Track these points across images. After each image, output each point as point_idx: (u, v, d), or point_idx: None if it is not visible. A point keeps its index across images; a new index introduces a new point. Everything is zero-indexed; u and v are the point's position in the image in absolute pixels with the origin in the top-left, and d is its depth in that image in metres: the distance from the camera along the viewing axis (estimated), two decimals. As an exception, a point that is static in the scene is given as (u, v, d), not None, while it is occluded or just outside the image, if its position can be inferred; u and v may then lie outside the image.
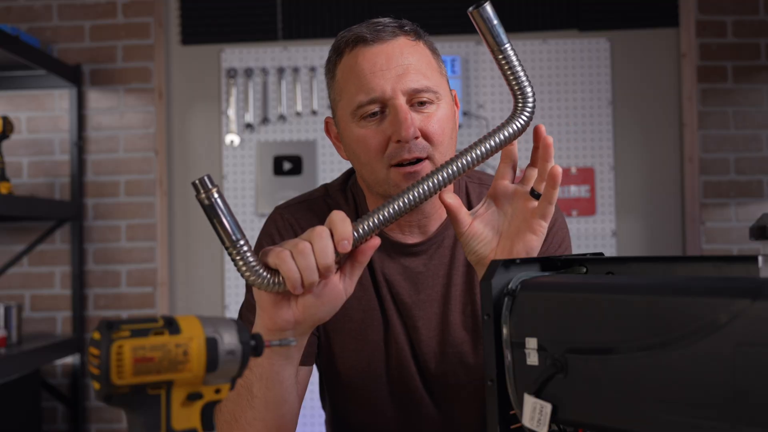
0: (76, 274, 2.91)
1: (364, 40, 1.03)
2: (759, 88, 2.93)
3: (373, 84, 1.01)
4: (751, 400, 0.55)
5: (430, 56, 1.07)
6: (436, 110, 1.03)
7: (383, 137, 1.02)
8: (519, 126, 0.93)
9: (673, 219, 2.95)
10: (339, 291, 0.88)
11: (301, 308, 0.87)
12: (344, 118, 1.06)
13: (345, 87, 1.05)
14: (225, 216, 0.81)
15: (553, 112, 2.95)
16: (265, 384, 0.94)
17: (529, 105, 0.93)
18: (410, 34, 1.06)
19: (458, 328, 1.12)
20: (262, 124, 2.97)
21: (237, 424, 0.97)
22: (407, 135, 0.99)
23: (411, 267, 1.13)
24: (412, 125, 1.00)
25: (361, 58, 1.03)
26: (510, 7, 2.94)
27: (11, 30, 2.56)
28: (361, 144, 1.04)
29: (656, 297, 0.62)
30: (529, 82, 0.93)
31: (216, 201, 0.81)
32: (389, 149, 1.02)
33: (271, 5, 3.00)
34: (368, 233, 0.86)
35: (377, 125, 1.02)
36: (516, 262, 0.77)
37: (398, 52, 1.03)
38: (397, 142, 1.01)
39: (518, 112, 0.93)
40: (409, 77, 1.02)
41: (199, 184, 0.81)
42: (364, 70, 1.02)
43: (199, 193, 0.81)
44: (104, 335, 0.60)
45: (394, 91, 1.01)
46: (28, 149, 3.00)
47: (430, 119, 1.03)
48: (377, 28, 1.04)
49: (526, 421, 0.70)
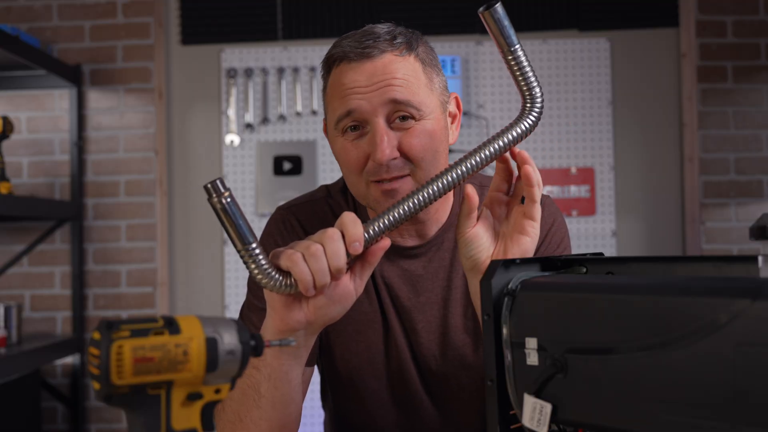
0: (76, 274, 2.91)
1: (349, 58, 1.03)
2: (759, 88, 2.93)
3: (353, 103, 1.01)
4: (751, 400, 0.55)
5: (420, 70, 1.04)
6: (417, 126, 1.01)
7: (362, 153, 1.02)
8: (527, 126, 0.93)
9: (673, 219, 2.95)
10: (350, 291, 0.88)
11: (313, 309, 0.88)
12: (330, 129, 1.07)
13: (330, 100, 1.06)
14: (237, 219, 0.81)
15: (553, 112, 2.95)
16: (273, 384, 0.94)
17: (537, 106, 0.93)
18: (400, 48, 1.03)
19: (459, 331, 1.12)
20: (262, 124, 2.97)
21: (241, 424, 0.97)
22: (381, 158, 0.99)
23: (410, 270, 1.13)
24: (388, 147, 0.99)
25: (342, 75, 1.03)
26: (510, 7, 2.93)
27: (11, 30, 2.56)
28: (342, 157, 1.05)
29: (656, 297, 0.62)
30: (538, 84, 0.93)
31: (229, 204, 0.80)
32: (368, 166, 1.02)
33: (271, 5, 3.00)
34: (378, 234, 0.86)
35: (357, 141, 1.02)
36: (516, 262, 0.77)
37: (380, 69, 1.01)
38: (375, 161, 1.01)
39: (526, 112, 0.93)
40: (391, 91, 1.00)
41: (212, 188, 0.80)
42: (344, 86, 1.02)
43: (211, 197, 0.80)
44: (104, 335, 0.60)
45: (373, 109, 1.00)
46: (28, 149, 3.00)
47: (410, 136, 1.01)
48: (365, 43, 1.02)
49: (526, 421, 0.70)
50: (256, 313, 1.09)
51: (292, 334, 0.89)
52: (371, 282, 1.13)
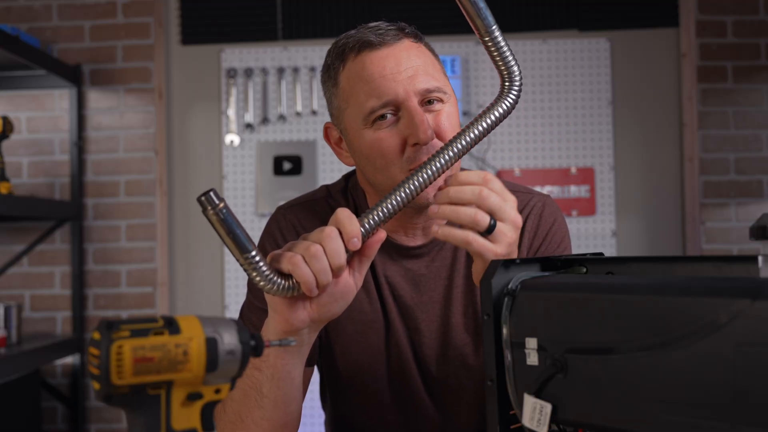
0: (76, 274, 2.91)
1: (371, 45, 1.02)
2: (759, 88, 2.92)
3: (385, 88, 1.01)
4: (751, 400, 0.55)
5: (433, 57, 1.08)
6: (445, 108, 1.03)
7: (399, 140, 1.01)
8: (507, 106, 0.93)
9: (673, 219, 2.95)
10: (350, 285, 0.88)
11: (316, 307, 0.88)
12: (353, 126, 1.05)
13: (353, 93, 1.04)
14: (234, 229, 0.79)
15: (553, 112, 2.95)
16: (276, 383, 0.94)
17: (515, 85, 0.94)
18: (411, 36, 1.06)
19: (460, 330, 1.12)
20: (262, 124, 2.97)
21: (243, 424, 0.97)
22: (426, 137, 0.99)
23: (413, 269, 1.13)
24: (429, 127, 1.00)
25: (368, 62, 1.02)
26: (510, 7, 2.94)
27: (11, 30, 2.56)
28: (375, 149, 1.02)
29: (656, 297, 0.62)
30: (516, 63, 0.93)
31: (225, 215, 0.79)
32: (407, 153, 1.01)
33: (271, 5, 3.00)
34: (374, 227, 0.87)
35: (391, 128, 1.02)
36: (516, 262, 0.77)
37: (405, 54, 1.03)
38: (414, 144, 1.00)
39: (505, 92, 0.94)
40: (419, 78, 1.01)
41: (206, 200, 0.78)
42: (373, 74, 1.01)
43: (206, 210, 0.78)
44: (104, 335, 0.60)
45: (407, 93, 1.00)
46: (28, 149, 3.00)
47: (441, 117, 1.03)
48: (379, 32, 1.03)
49: (526, 421, 0.70)
50: (256, 313, 1.09)
51: (296, 334, 0.89)
52: (373, 282, 1.13)
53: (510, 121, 2.94)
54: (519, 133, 2.95)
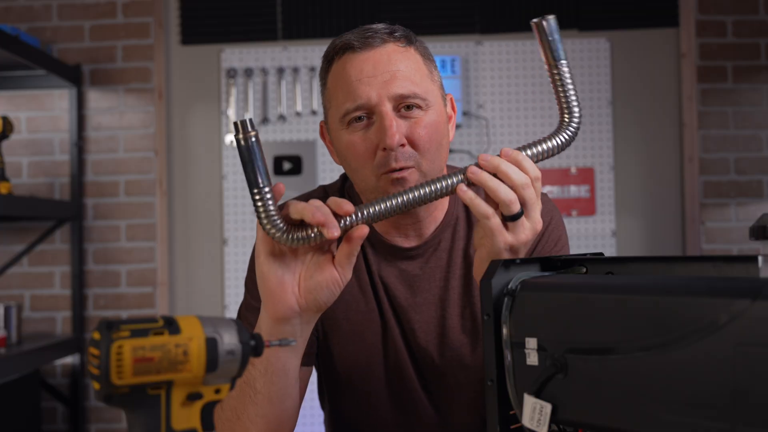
0: (75, 274, 2.91)
1: (352, 48, 1.03)
2: (759, 88, 2.93)
3: (359, 91, 1.01)
4: (751, 400, 0.55)
5: (421, 62, 1.06)
6: (424, 116, 1.02)
7: (371, 144, 1.02)
8: (560, 142, 0.93)
9: (673, 219, 2.95)
10: (335, 277, 0.89)
11: (304, 292, 0.89)
12: (334, 125, 1.06)
13: (334, 94, 1.05)
14: (256, 160, 0.83)
15: (553, 111, 2.95)
16: (270, 378, 0.94)
17: (574, 122, 0.93)
18: (400, 40, 1.05)
19: (456, 331, 1.12)
20: (262, 124, 2.97)
21: (239, 422, 0.97)
22: (392, 143, 0.99)
23: (407, 270, 1.13)
24: (397, 132, 0.99)
25: (348, 65, 1.03)
26: (510, 7, 2.94)
27: (11, 30, 2.56)
28: (350, 150, 1.04)
29: (656, 297, 0.62)
30: (577, 102, 0.93)
31: (251, 145, 0.83)
32: (377, 158, 1.01)
33: (271, 5, 3.00)
34: (359, 221, 0.87)
35: (364, 132, 1.02)
36: (516, 262, 0.77)
37: (385, 58, 1.02)
38: (383, 150, 1.00)
39: (563, 127, 0.93)
40: (395, 83, 1.01)
41: (240, 125, 0.83)
42: (350, 77, 1.02)
43: (237, 133, 0.83)
44: (104, 335, 0.60)
45: (379, 98, 1.01)
46: (28, 149, 3.00)
47: (417, 125, 1.02)
48: (366, 35, 1.04)
49: (526, 421, 0.70)
50: (253, 313, 1.09)
51: (287, 323, 0.90)
52: (369, 282, 1.13)
53: (510, 121, 2.94)
54: (519, 133, 2.95)
